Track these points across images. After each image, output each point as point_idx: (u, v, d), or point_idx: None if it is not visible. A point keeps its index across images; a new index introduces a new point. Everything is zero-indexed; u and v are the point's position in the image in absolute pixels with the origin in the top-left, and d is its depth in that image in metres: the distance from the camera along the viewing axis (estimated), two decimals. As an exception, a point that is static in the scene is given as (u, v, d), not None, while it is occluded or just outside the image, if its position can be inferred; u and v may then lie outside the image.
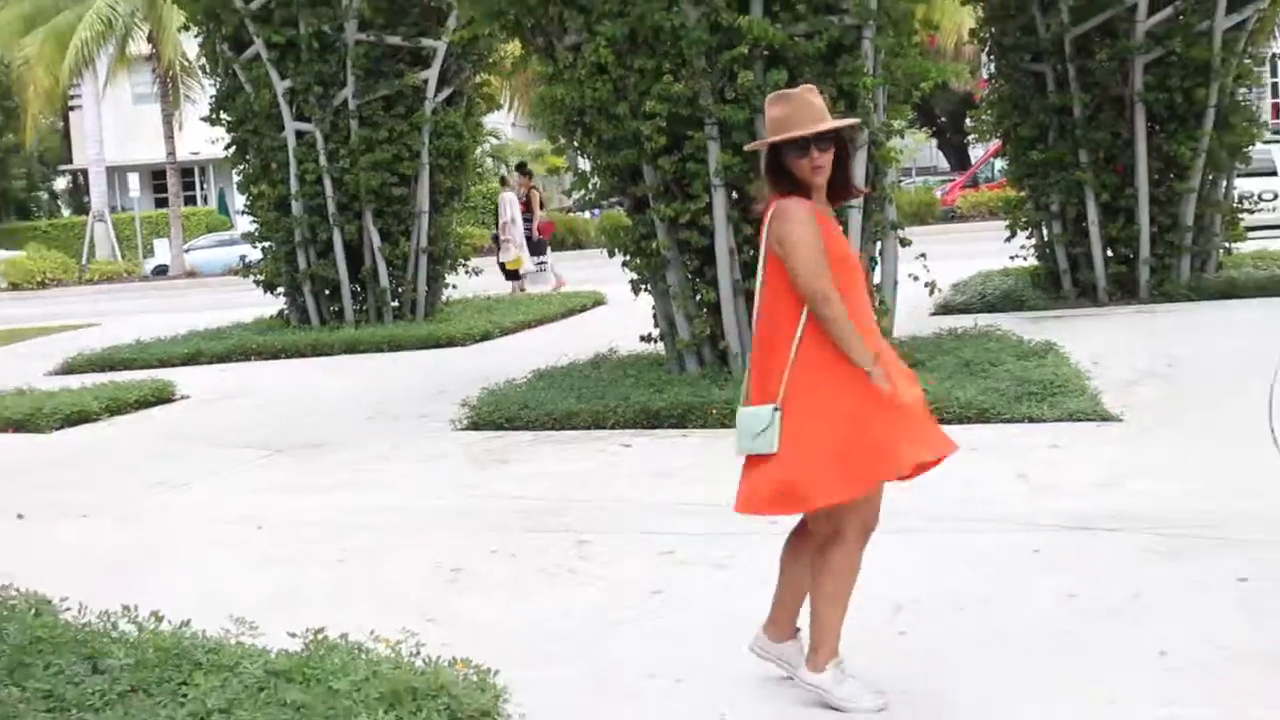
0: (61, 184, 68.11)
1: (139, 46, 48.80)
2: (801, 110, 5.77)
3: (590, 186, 14.68)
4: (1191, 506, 8.33)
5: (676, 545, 8.39)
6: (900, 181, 51.64)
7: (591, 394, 13.10)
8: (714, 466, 10.48)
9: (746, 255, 13.39)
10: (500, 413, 13.05)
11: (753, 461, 5.78)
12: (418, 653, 5.91)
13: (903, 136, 16.89)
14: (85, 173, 62.96)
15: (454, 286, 23.25)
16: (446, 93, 21.59)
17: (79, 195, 64.86)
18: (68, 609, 7.03)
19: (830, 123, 5.81)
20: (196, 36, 22.87)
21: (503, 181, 32.64)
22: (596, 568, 8.07)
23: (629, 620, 7.05)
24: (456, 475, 11.05)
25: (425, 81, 21.27)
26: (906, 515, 8.56)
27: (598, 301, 23.98)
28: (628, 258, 14.46)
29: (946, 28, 27.54)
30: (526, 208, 30.11)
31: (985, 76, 19.49)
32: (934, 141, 57.36)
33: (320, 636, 6.17)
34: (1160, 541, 7.63)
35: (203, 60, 23.52)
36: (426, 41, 21.05)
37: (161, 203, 58.72)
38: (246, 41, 21.09)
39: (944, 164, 58.55)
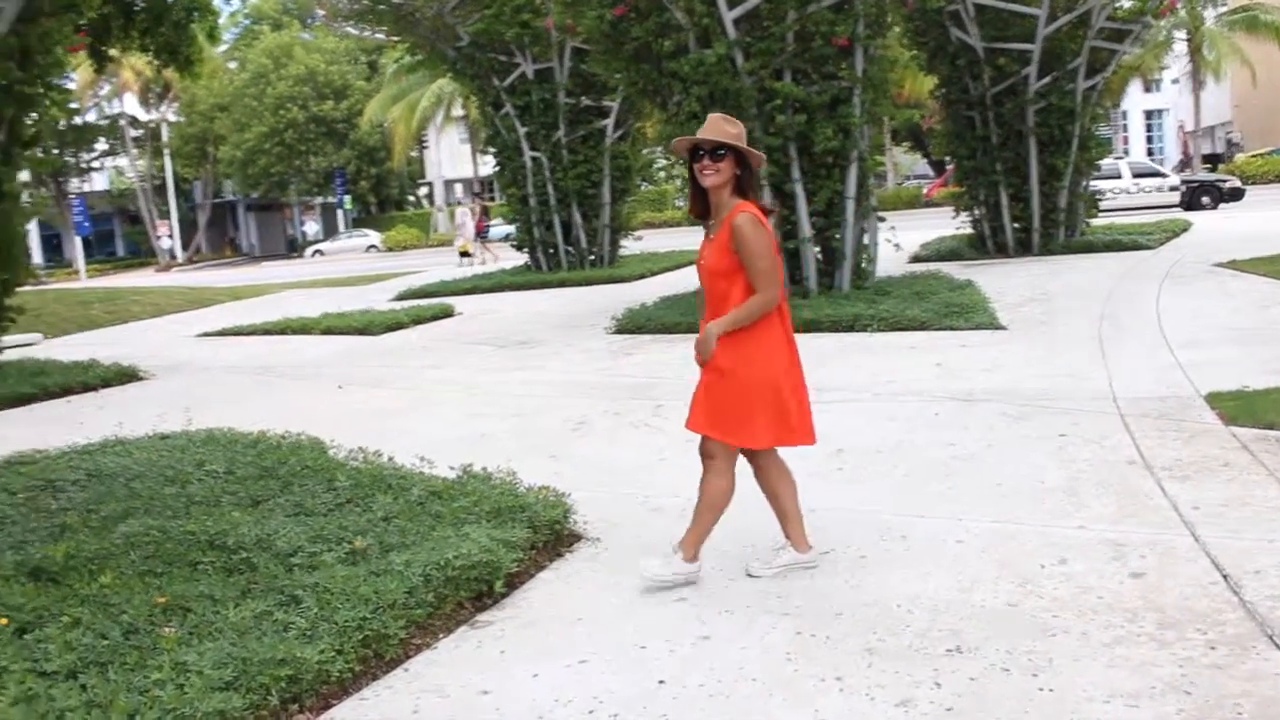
0: (422, 191, 68.29)
1: (458, 110, 48.54)
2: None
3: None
4: (1038, 385, 7.46)
5: (715, 408, 7.75)
6: (902, 182, 50.24)
7: (688, 311, 12.41)
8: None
9: (784, 227, 12.64)
10: (634, 323, 12.44)
11: None
12: (516, 482, 5.36)
13: (881, 153, 15.96)
14: (431, 184, 63.18)
15: (625, 246, 22.52)
16: (619, 133, 20.83)
17: (431, 197, 64.99)
18: (335, 446, 6.60)
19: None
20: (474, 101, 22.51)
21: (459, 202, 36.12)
22: (662, 423, 7.43)
23: (670, 458, 6.42)
24: (598, 362, 10.45)
25: (606, 126, 20.56)
26: (855, 390, 7.90)
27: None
28: (714, 230, 13.75)
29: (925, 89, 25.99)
30: (485, 213, 33.77)
31: (928, 116, 18.38)
32: (924, 160, 55.24)
33: (467, 469, 5.64)
34: (1013, 409, 6.82)
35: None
36: (606, 103, 20.35)
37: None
38: (501, 104, 20.51)
39: (929, 172, 56.36)
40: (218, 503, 5.34)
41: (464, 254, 29.65)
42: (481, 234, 32.46)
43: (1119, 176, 28.54)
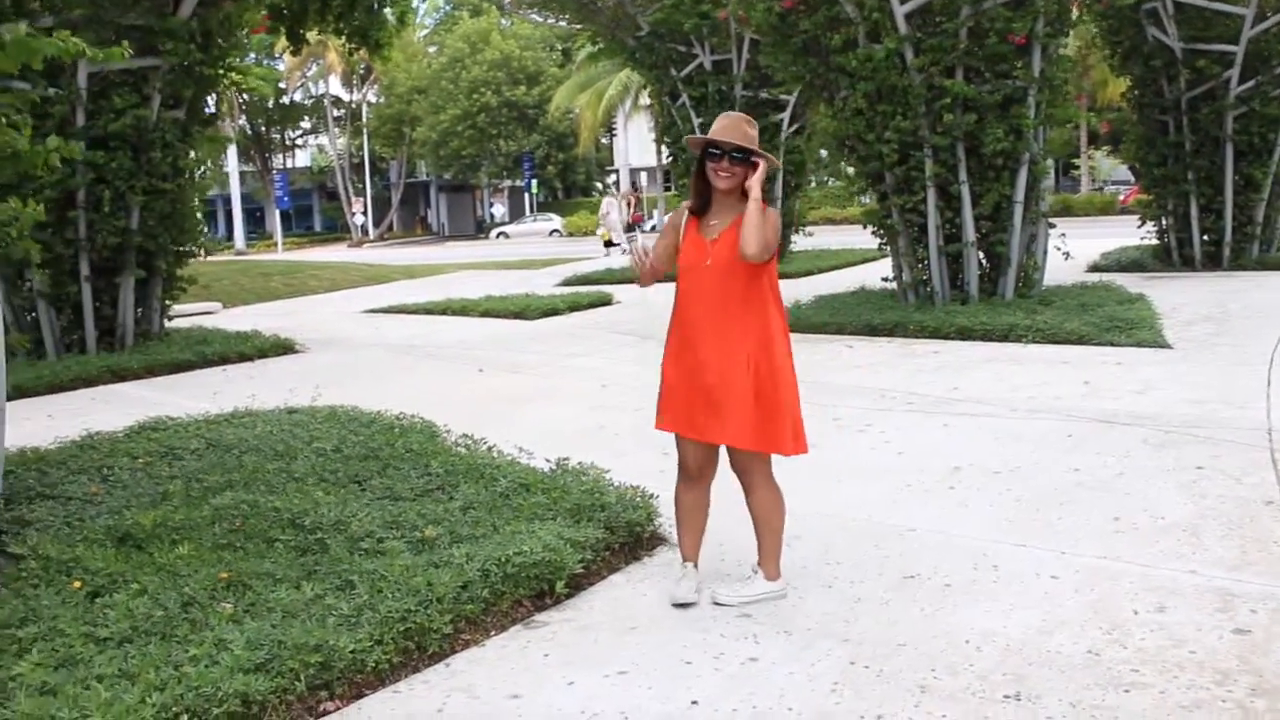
0: (610, 178, 69.11)
1: (644, 100, 48.82)
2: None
3: (860, 186, 13.62)
4: (1189, 412, 6.93)
5: (841, 414, 7.49)
6: (1102, 187, 47.90)
7: (840, 311, 12.16)
8: (894, 363, 9.54)
9: (948, 230, 12.26)
10: (782, 322, 12.21)
11: None
12: (607, 479, 5.27)
13: (1076, 156, 15.16)
14: (618, 171, 63.82)
15: (795, 242, 22.17)
16: (795, 127, 20.55)
17: (618, 184, 65.67)
18: (447, 431, 6.66)
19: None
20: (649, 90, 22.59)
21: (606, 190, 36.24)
22: (782, 426, 7.22)
23: (779, 464, 6.20)
24: (738, 360, 10.26)
25: (781, 120, 20.31)
26: (991, 404, 7.52)
27: (878, 257, 22.63)
28: (875, 229, 13.36)
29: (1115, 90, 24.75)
30: (638, 204, 34.59)
31: (1107, 120, 17.44)
32: (1125, 165, 52.69)
33: (562, 463, 5.59)
34: (1155, 435, 6.36)
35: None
36: (783, 97, 20.09)
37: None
38: (678, 95, 20.49)
39: (1131, 177, 53.69)
40: (314, 480, 5.43)
41: (607, 244, 29.89)
42: (638, 225, 32.61)
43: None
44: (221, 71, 12.05)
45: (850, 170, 13.47)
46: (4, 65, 4.34)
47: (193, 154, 12.17)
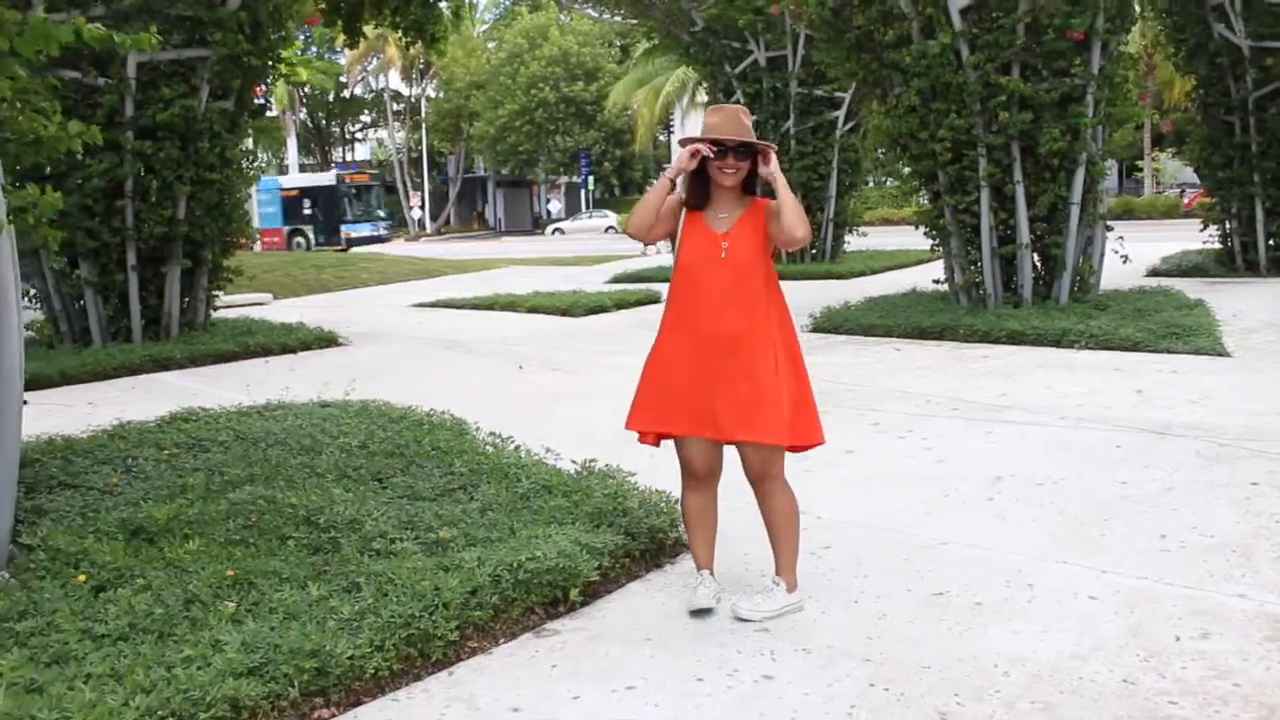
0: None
1: (702, 96, 48.58)
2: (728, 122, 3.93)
3: (912, 185, 13.33)
4: (1246, 423, 6.63)
5: (882, 419, 7.28)
6: (1181, 191, 46.73)
7: (889, 313, 11.91)
8: (942, 367, 9.30)
9: (1001, 231, 11.96)
10: (830, 322, 11.99)
11: None
12: (631, 482, 5.12)
13: (1128, 162, 14.74)
14: (674, 168, 63.53)
15: (849, 242, 21.91)
16: (850, 125, 20.28)
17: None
18: (478, 428, 6.55)
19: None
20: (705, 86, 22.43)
21: None
22: (820, 430, 7.03)
23: (814, 469, 5.99)
24: (782, 360, 10.06)
25: (837, 118, 20.06)
26: (1038, 412, 7.27)
27: (932, 259, 22.25)
28: (928, 230, 13.08)
29: (1181, 90, 24.21)
30: None
31: (1171, 119, 17.02)
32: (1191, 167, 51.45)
33: (587, 464, 5.44)
34: (1209, 448, 6.08)
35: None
36: (838, 94, 19.83)
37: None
38: (732, 91, 20.27)
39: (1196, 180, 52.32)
40: (335, 476, 5.32)
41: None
42: None
43: None
44: (270, 63, 12.04)
45: (906, 170, 13.15)
46: (23, 50, 4.27)
47: (246, 142, 12.19)
